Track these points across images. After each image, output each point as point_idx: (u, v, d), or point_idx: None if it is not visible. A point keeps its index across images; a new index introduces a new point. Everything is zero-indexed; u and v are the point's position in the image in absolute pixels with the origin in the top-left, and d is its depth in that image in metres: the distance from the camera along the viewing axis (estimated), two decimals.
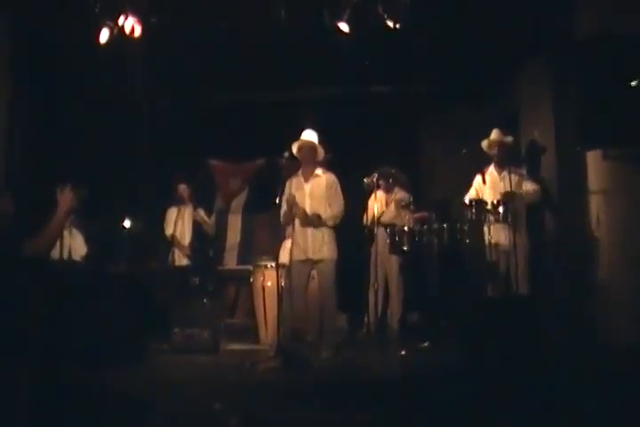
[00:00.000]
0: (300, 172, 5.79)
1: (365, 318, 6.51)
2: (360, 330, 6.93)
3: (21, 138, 6.71)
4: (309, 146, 5.69)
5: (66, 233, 6.70)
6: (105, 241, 6.98)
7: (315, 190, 5.66)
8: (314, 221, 5.57)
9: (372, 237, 6.56)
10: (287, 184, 5.72)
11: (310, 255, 5.62)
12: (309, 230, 5.60)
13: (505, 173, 6.07)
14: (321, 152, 5.76)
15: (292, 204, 5.56)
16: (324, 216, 5.60)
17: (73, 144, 7.24)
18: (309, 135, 5.73)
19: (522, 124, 7.14)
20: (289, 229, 5.85)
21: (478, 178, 6.29)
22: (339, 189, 5.74)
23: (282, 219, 5.71)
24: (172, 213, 7.16)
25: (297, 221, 5.63)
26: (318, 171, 5.76)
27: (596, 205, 5.69)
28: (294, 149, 5.71)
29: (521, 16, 6.09)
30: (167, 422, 3.52)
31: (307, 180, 5.74)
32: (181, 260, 7.17)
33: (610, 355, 4.69)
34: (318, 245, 5.61)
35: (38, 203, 4.58)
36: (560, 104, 6.20)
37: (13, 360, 3.37)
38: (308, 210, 5.61)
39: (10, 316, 3.55)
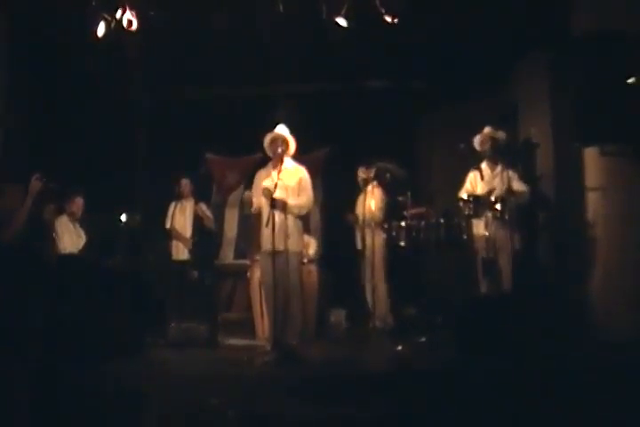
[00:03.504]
0: (270, 164, 5.75)
1: (363, 314, 6.54)
2: (357, 325, 6.96)
3: (20, 132, 6.71)
4: (279, 138, 5.67)
5: (64, 227, 6.74)
6: (102, 235, 6.98)
7: (284, 182, 5.57)
8: (279, 205, 5.48)
9: (364, 234, 6.57)
10: (257, 176, 5.75)
11: (275, 247, 5.45)
12: (277, 222, 5.47)
13: (497, 170, 6.09)
14: (292, 146, 5.71)
15: (247, 198, 5.59)
16: (290, 203, 5.51)
17: (71, 139, 7.24)
18: (279, 129, 5.72)
19: (520, 121, 7.15)
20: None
21: (471, 174, 6.30)
22: (309, 183, 5.67)
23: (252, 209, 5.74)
24: (174, 207, 7.15)
25: (264, 214, 5.54)
26: (289, 164, 5.70)
27: (593, 201, 5.70)
28: (265, 142, 5.69)
29: (520, 13, 6.08)
30: (164, 416, 3.52)
31: (276, 171, 5.60)
32: (180, 254, 7.17)
33: (608, 352, 4.70)
34: (283, 236, 5.49)
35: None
36: (558, 101, 6.20)
37: (12, 353, 3.37)
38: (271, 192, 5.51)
39: (8, 309, 3.55)
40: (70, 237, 6.66)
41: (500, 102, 7.44)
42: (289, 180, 5.58)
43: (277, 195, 5.47)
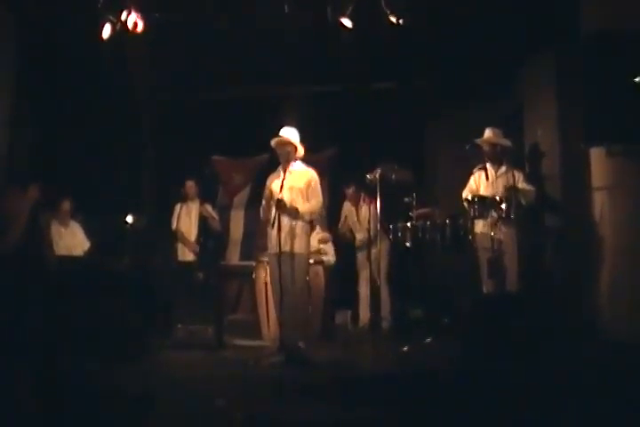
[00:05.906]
0: (279, 167, 5.75)
1: (367, 315, 6.52)
2: (361, 326, 6.95)
3: (23, 135, 6.73)
4: (284, 143, 5.66)
5: (66, 229, 6.77)
6: (108, 237, 7.00)
7: (293, 184, 5.58)
8: (291, 212, 5.51)
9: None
10: (268, 179, 5.71)
11: (281, 249, 5.46)
12: (284, 224, 5.49)
13: (501, 171, 6.07)
14: (300, 149, 5.70)
15: (269, 199, 5.54)
16: (300, 209, 5.53)
17: (75, 142, 7.26)
18: (286, 132, 5.70)
19: (525, 122, 7.13)
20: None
21: (476, 174, 6.29)
22: (318, 185, 5.63)
23: (261, 214, 5.67)
24: (179, 208, 7.16)
25: (274, 216, 5.56)
26: (297, 166, 5.69)
27: (599, 201, 5.69)
28: (272, 144, 5.68)
29: (523, 14, 6.08)
30: (170, 418, 3.52)
31: (285, 174, 5.61)
32: (186, 255, 7.19)
33: (613, 352, 4.69)
34: (289, 238, 5.49)
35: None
36: (563, 101, 6.19)
37: (13, 359, 3.38)
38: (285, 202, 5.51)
39: (10, 314, 3.56)
40: (64, 242, 6.70)
41: (505, 103, 7.43)
42: (297, 182, 5.57)
43: (286, 197, 5.46)
